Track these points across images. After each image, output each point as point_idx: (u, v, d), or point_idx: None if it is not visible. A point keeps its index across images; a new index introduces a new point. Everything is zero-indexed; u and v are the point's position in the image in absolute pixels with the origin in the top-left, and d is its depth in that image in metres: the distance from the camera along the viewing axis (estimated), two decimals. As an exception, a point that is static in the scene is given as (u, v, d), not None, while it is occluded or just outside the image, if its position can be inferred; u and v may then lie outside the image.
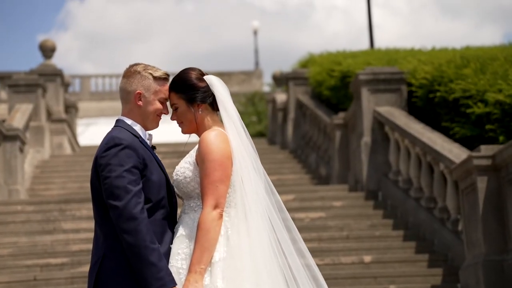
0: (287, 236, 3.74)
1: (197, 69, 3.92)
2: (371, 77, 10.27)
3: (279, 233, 3.73)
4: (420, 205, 9.02)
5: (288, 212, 3.83)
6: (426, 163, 8.88)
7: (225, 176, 3.69)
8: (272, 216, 3.75)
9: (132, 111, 3.83)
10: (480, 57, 9.38)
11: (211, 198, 3.64)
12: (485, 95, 8.17)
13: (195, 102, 3.83)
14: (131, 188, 3.57)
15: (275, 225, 3.74)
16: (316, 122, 13.44)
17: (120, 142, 3.65)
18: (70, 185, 12.60)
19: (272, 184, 3.85)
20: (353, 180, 10.77)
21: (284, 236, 3.73)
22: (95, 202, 3.73)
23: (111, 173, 3.59)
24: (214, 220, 3.62)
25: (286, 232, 3.75)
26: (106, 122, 28.95)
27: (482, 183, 7.06)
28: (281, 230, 3.73)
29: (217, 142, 3.71)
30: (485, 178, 7.05)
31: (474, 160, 7.05)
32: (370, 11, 17.80)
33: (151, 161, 3.74)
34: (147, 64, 3.91)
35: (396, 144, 9.82)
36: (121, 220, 3.54)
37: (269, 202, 3.77)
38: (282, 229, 3.74)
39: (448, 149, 8.29)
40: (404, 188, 9.49)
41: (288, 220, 3.80)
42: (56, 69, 15.57)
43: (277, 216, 3.76)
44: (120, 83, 3.88)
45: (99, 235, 3.71)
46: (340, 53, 14.06)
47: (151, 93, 3.81)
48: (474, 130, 8.40)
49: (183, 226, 3.74)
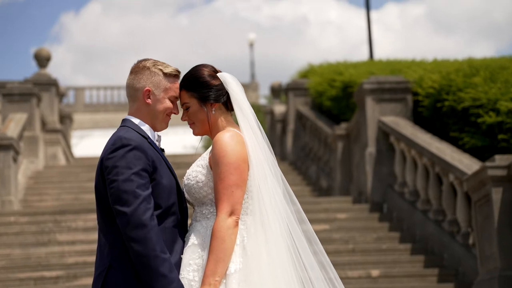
0: (308, 247, 3.45)
1: (209, 65, 3.64)
2: (376, 86, 10.01)
3: (300, 243, 3.43)
4: (428, 217, 8.74)
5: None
6: (434, 174, 8.60)
7: (241, 180, 3.40)
8: (292, 225, 3.45)
9: (140, 109, 3.54)
10: (489, 66, 9.14)
11: (226, 204, 3.35)
12: (497, 103, 7.90)
13: (208, 101, 3.54)
14: (140, 192, 3.28)
15: (294, 235, 3.44)
16: (316, 133, 13.17)
17: (128, 143, 3.36)
18: (64, 196, 12.29)
19: (291, 190, 3.56)
20: (356, 192, 10.49)
21: (305, 246, 3.44)
22: (100, 208, 3.42)
23: (118, 176, 3.29)
24: (229, 228, 3.33)
25: (307, 243, 3.45)
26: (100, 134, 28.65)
27: (497, 194, 6.78)
28: (302, 240, 3.44)
29: (232, 144, 3.42)
30: (500, 189, 6.77)
31: (488, 170, 6.78)
32: (370, 22, 17.59)
33: (161, 163, 3.45)
34: (157, 60, 3.62)
35: (402, 155, 9.54)
36: (129, 227, 3.24)
37: (288, 210, 3.48)
38: (303, 239, 3.45)
39: (458, 159, 8.02)
40: (410, 200, 9.20)
41: (309, 231, 3.51)
42: (51, 79, 15.29)
43: (297, 225, 3.47)
44: (127, 79, 3.59)
45: (104, 244, 3.40)
46: (341, 64, 13.82)
47: (161, 91, 3.53)
48: (485, 140, 8.13)
49: (195, 235, 3.45)
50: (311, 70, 14.72)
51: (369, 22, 17.65)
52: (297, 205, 3.53)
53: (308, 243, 3.45)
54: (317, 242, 3.50)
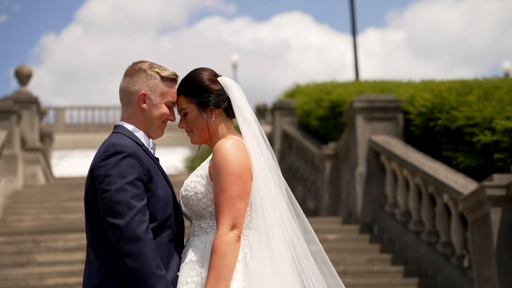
0: (315, 266, 3.19)
1: (209, 69, 3.39)
2: (367, 105, 9.81)
3: (308, 262, 3.17)
4: (420, 239, 8.50)
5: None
6: (428, 195, 8.38)
7: (244, 191, 3.14)
8: (299, 241, 3.19)
9: (134, 115, 3.28)
10: (482, 85, 8.97)
11: (228, 217, 3.09)
12: (492, 122, 7.70)
13: (208, 107, 3.29)
14: (134, 203, 3.01)
15: (302, 253, 3.18)
16: (303, 153, 12.94)
17: (121, 150, 3.09)
18: (44, 216, 11.91)
19: (296, 202, 3.31)
20: (345, 212, 10.25)
21: (313, 265, 3.18)
22: (90, 221, 3.15)
23: (111, 185, 3.02)
24: (231, 243, 3.06)
25: (314, 261, 3.19)
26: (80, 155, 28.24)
27: (495, 215, 6.55)
28: (310, 259, 3.18)
29: (235, 152, 3.17)
30: (499, 209, 6.55)
31: (487, 189, 6.55)
32: (356, 43, 17.48)
33: (157, 173, 3.19)
34: (153, 62, 3.37)
35: (393, 175, 9.32)
36: (122, 241, 2.97)
37: (294, 224, 3.22)
38: (311, 257, 3.18)
39: (453, 179, 7.80)
40: (402, 221, 8.97)
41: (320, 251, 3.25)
42: (31, 96, 14.97)
43: (304, 240, 3.21)
44: (121, 82, 3.33)
45: (94, 260, 3.12)
46: (328, 83, 13.63)
47: (157, 95, 3.28)
48: (479, 160, 7.93)
49: (193, 250, 3.18)
50: (297, 89, 14.52)
51: (355, 42, 17.54)
52: (302, 217, 3.28)
53: (317, 263, 3.20)
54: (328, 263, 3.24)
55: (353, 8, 17.92)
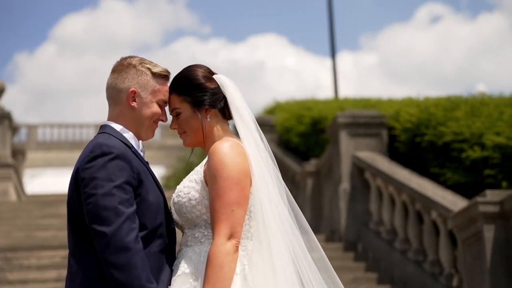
0: (321, 279, 2.93)
1: (204, 66, 3.14)
2: (350, 120, 9.59)
3: (313, 275, 2.91)
4: (407, 257, 8.26)
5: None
6: (414, 212, 8.15)
7: (242, 197, 2.88)
8: (304, 253, 2.93)
9: (123, 114, 3.01)
10: (468, 102, 8.80)
11: (225, 225, 2.82)
12: (482, 138, 7.51)
13: (203, 106, 3.03)
14: (123, 209, 2.74)
15: (306, 265, 2.92)
16: (283, 170, 12.67)
17: (109, 151, 2.82)
18: (15, 234, 11.51)
19: (298, 209, 3.06)
20: (328, 230, 9.99)
21: (318, 278, 2.91)
22: (73, 228, 2.86)
23: (97, 189, 2.75)
24: (229, 254, 2.79)
25: (319, 275, 2.93)
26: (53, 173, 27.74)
27: (489, 232, 6.33)
28: (314, 271, 2.92)
29: (233, 155, 2.91)
30: (492, 226, 6.32)
31: (480, 206, 6.33)
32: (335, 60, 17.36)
33: (147, 177, 2.91)
34: (143, 58, 3.11)
35: (378, 192, 9.09)
36: (109, 251, 2.68)
37: (297, 233, 2.96)
38: (315, 269, 2.93)
39: (442, 195, 7.59)
40: (387, 239, 8.73)
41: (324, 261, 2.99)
42: (4, 111, 14.62)
43: (307, 252, 2.95)
44: (108, 79, 3.06)
45: (76, 272, 2.83)
46: (309, 100, 13.43)
47: (148, 93, 3.01)
48: (468, 176, 7.71)
49: (185, 262, 2.90)
50: (277, 106, 14.29)
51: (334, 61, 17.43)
52: (305, 227, 3.02)
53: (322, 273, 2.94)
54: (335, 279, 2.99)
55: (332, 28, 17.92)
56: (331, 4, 18.26)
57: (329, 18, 17.76)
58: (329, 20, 17.76)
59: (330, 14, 18.12)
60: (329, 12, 18.10)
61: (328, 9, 18.24)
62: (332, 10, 18.12)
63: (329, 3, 18.30)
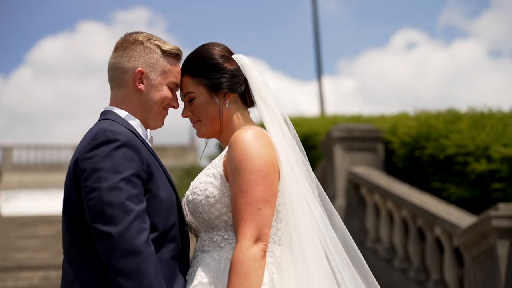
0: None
1: (222, 44, 2.71)
2: (345, 134, 9.19)
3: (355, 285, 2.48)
4: (407, 277, 7.82)
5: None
6: (415, 228, 7.74)
7: (270, 194, 2.44)
8: (341, 260, 2.50)
9: (128, 98, 2.57)
10: (468, 114, 8.44)
11: (251, 226, 2.38)
12: (488, 150, 7.13)
13: (221, 90, 2.60)
14: (131, 206, 2.28)
15: (346, 276, 2.48)
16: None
17: (114, 138, 2.37)
18: (-9, 254, 10.99)
19: (333, 208, 2.63)
20: (322, 250, 9.55)
21: None
22: (70, 229, 2.40)
23: (101, 182, 2.29)
24: (255, 260, 2.35)
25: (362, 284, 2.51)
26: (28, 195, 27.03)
27: (502, 249, 5.92)
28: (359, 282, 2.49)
29: (258, 145, 2.48)
30: (507, 242, 5.92)
31: (493, 220, 5.94)
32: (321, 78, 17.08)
33: (158, 170, 2.47)
34: (151, 34, 2.68)
35: (375, 208, 8.67)
36: (116, 255, 2.23)
37: (335, 236, 2.53)
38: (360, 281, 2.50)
39: (446, 211, 7.18)
40: (386, 257, 8.30)
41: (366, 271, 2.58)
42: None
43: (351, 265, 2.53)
44: (110, 58, 2.63)
45: (73, 282, 2.37)
46: (298, 117, 13.02)
47: (157, 74, 2.58)
48: (473, 191, 7.32)
49: (203, 270, 2.46)
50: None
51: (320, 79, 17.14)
52: (341, 229, 2.60)
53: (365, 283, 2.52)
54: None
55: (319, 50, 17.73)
56: (317, 28, 18.08)
57: (315, 40, 17.62)
58: (315, 42, 17.60)
59: (316, 36, 17.96)
60: (315, 35, 17.96)
61: (314, 32, 18.12)
62: (318, 33, 17.97)
63: (315, 26, 18.13)
